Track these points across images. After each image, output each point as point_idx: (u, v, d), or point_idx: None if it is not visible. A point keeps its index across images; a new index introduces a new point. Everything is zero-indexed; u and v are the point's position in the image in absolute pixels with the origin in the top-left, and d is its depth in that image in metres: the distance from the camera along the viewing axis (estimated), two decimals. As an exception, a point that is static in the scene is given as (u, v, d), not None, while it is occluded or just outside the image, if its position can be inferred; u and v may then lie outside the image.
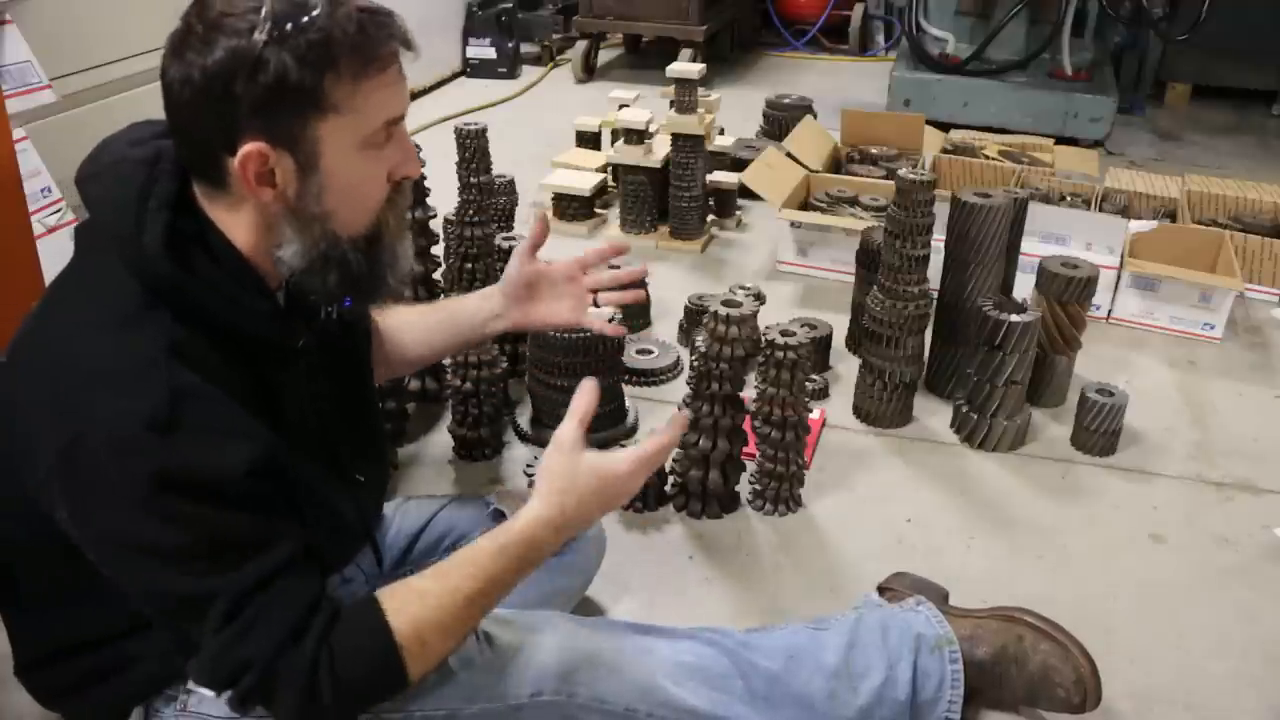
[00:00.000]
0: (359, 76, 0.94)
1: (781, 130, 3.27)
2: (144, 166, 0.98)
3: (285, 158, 0.94)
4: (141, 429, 0.88)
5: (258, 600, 0.92)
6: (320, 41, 0.91)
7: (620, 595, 1.59)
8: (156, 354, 0.91)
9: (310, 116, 0.93)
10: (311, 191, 0.96)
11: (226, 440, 0.92)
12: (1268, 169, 3.60)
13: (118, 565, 0.94)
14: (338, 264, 1.00)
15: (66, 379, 0.93)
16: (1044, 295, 2.06)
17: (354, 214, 1.00)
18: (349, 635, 0.95)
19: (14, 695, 1.27)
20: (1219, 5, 3.59)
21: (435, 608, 0.99)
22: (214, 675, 0.93)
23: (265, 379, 1.02)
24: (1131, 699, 1.44)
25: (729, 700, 1.17)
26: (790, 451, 1.76)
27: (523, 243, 1.40)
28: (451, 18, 4.41)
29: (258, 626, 0.91)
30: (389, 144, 1.00)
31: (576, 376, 1.90)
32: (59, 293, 1.02)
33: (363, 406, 1.22)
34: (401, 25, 0.99)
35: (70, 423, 0.91)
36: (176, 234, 0.95)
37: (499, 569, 1.03)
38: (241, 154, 0.92)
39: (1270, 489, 1.93)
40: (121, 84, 2.45)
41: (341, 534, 1.15)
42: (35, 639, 1.12)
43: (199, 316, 0.96)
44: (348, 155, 0.96)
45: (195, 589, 0.91)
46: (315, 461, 1.08)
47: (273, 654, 0.91)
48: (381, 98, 0.96)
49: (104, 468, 0.89)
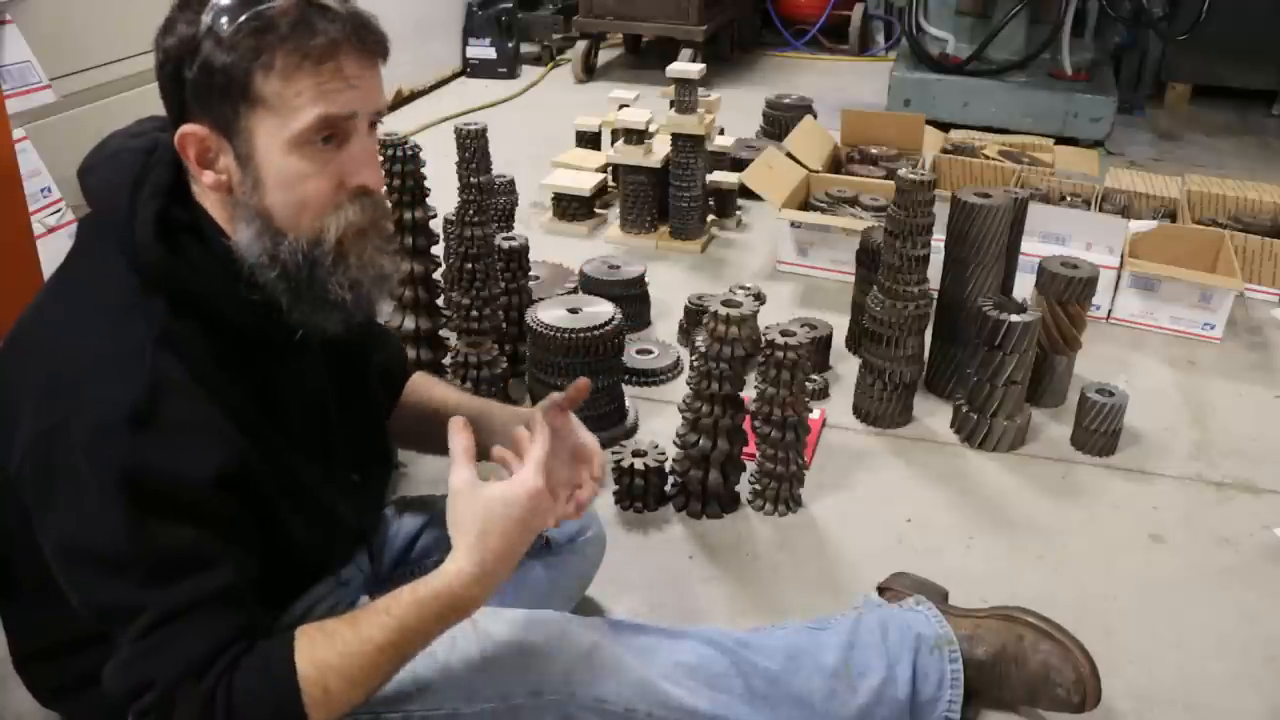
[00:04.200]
0: (290, 71, 0.91)
1: (781, 130, 3.27)
2: (140, 155, 0.99)
3: (225, 145, 0.95)
4: (119, 422, 0.89)
5: (180, 621, 0.91)
6: (255, 31, 0.90)
7: (620, 595, 1.59)
8: (143, 344, 0.92)
9: (241, 107, 0.92)
10: (249, 182, 0.95)
11: (199, 442, 0.92)
12: (1268, 169, 3.60)
13: (62, 563, 0.94)
14: (279, 262, 0.97)
15: (56, 364, 0.94)
16: (1044, 295, 2.06)
17: (295, 213, 0.96)
18: (253, 674, 0.92)
19: (14, 694, 1.27)
20: (1219, 5, 3.60)
21: (343, 654, 0.94)
22: (119, 683, 0.92)
23: (261, 373, 1.02)
24: (1131, 699, 1.44)
25: (729, 700, 1.17)
26: (790, 451, 1.76)
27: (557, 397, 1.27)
28: (451, 18, 4.41)
29: (172, 648, 0.91)
30: (341, 147, 0.96)
31: (577, 376, 1.91)
32: (58, 281, 1.02)
33: (364, 409, 1.21)
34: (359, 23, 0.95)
35: (53, 409, 0.91)
36: (169, 221, 0.96)
37: (415, 621, 0.97)
38: (179, 133, 0.94)
39: (1270, 489, 1.92)
40: (121, 84, 2.45)
41: (335, 534, 1.15)
42: (33, 632, 1.12)
43: (193, 306, 0.96)
44: (278, 151, 0.94)
45: (127, 599, 0.91)
46: (310, 460, 1.07)
47: (175, 679, 0.90)
48: (316, 95, 0.92)
49: (76, 460, 0.90)
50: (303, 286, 0.98)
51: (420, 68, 4.24)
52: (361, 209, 0.99)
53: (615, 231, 2.89)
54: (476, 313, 1.90)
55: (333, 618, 0.99)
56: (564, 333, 1.89)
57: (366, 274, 1.01)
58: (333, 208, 0.97)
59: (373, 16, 0.97)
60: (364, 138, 0.98)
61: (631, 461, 1.78)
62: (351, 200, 0.98)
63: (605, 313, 1.96)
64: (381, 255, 1.02)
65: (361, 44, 0.95)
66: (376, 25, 0.97)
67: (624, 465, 1.78)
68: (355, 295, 1.00)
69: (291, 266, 0.97)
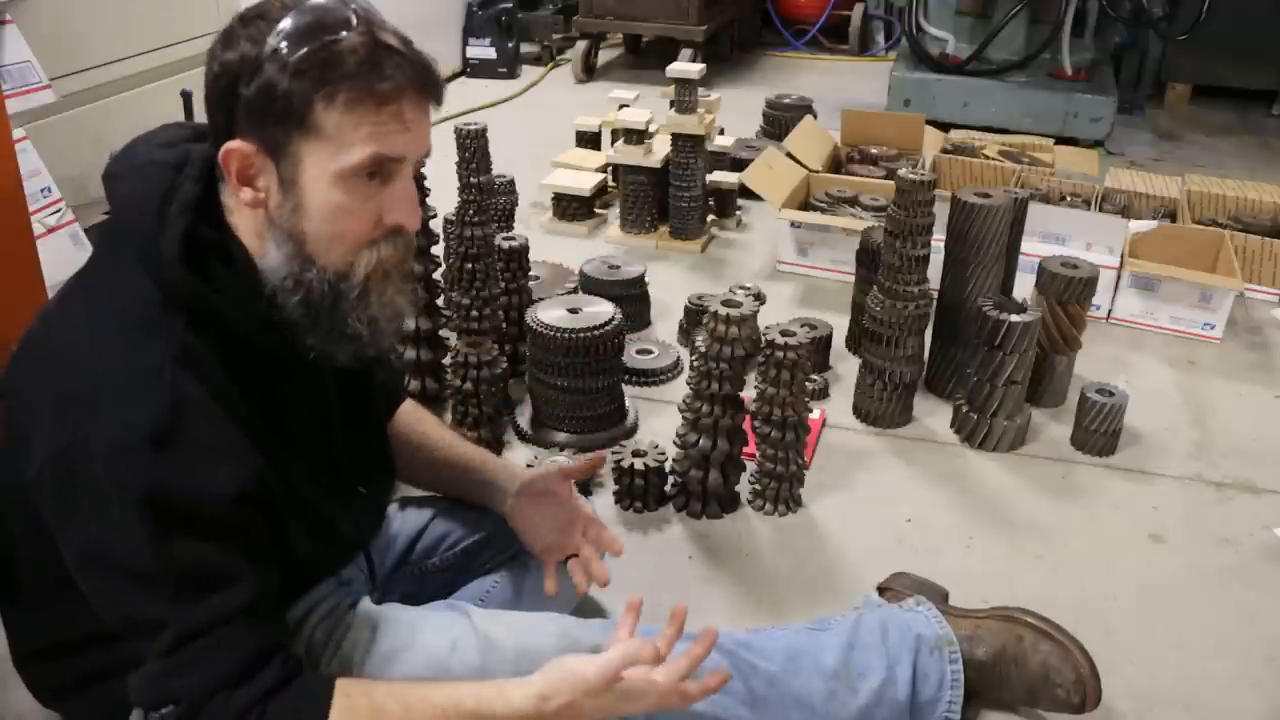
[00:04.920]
0: (352, 106, 0.92)
1: (781, 130, 3.27)
2: (169, 170, 0.98)
3: (269, 166, 0.95)
4: (140, 441, 0.89)
5: (206, 638, 0.91)
6: (322, 63, 0.91)
7: (620, 595, 1.58)
8: (163, 362, 0.92)
9: (294, 133, 0.93)
10: (288, 206, 0.96)
11: (220, 460, 0.92)
12: (1268, 169, 3.60)
13: (84, 571, 0.95)
14: (304, 288, 0.98)
15: (73, 379, 0.93)
16: (1044, 295, 2.06)
17: (329, 243, 0.97)
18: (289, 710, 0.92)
19: (15, 694, 1.27)
20: (1219, 5, 3.60)
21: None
22: (145, 695, 0.94)
23: (274, 389, 1.02)
24: (1131, 699, 1.44)
25: (728, 701, 1.17)
26: (790, 451, 1.76)
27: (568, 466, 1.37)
28: (451, 18, 4.41)
29: (199, 664, 0.91)
30: (385, 185, 0.97)
31: (577, 376, 1.91)
32: (77, 289, 1.02)
33: (368, 423, 1.22)
34: (425, 70, 0.96)
35: (72, 424, 0.91)
36: (195, 240, 0.95)
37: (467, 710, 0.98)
38: (225, 148, 0.94)
39: (1270, 489, 1.92)
40: (121, 84, 2.45)
41: (336, 544, 1.16)
42: (33, 633, 1.12)
43: (213, 324, 0.96)
44: (325, 181, 0.94)
45: (151, 612, 0.92)
46: (316, 473, 1.08)
47: (203, 696, 0.91)
48: (373, 133, 0.93)
49: (97, 476, 0.90)
50: (323, 315, 0.99)
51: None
52: (394, 248, 1.00)
53: (615, 231, 2.89)
54: (476, 313, 1.90)
55: (382, 684, 1.01)
56: (564, 333, 1.89)
57: (385, 313, 1.02)
58: (367, 244, 0.98)
59: (434, 62, 0.98)
60: (407, 179, 0.99)
61: (631, 461, 1.78)
62: (385, 239, 0.99)
63: (605, 313, 1.96)
64: (400, 295, 1.03)
65: (423, 91, 0.96)
66: (438, 73, 0.99)
67: (624, 465, 1.78)
68: (371, 332, 1.02)
69: (315, 294, 0.98)
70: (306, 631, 1.11)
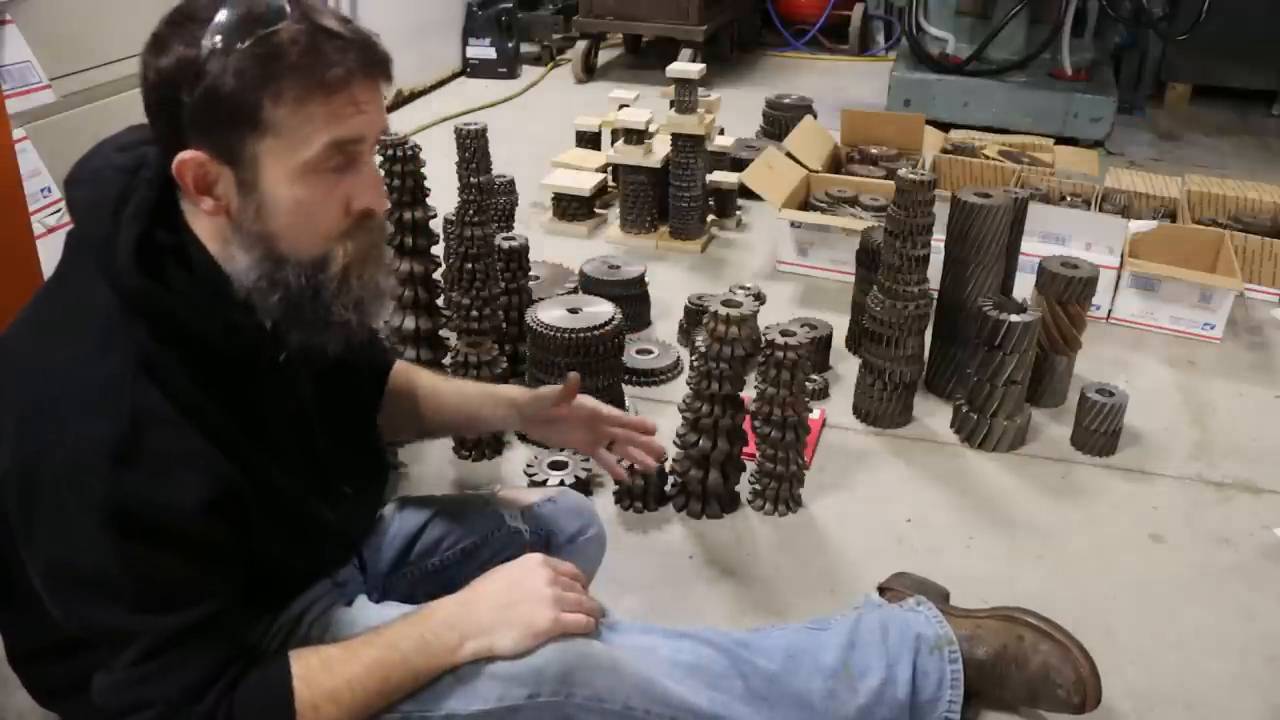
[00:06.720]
0: (302, 100, 0.90)
1: (781, 130, 3.27)
2: (123, 174, 0.96)
3: (226, 171, 0.92)
4: (102, 455, 0.88)
5: (175, 648, 0.92)
6: (264, 58, 0.88)
7: (620, 595, 1.59)
8: (125, 371, 0.91)
9: (247, 134, 0.90)
10: (251, 209, 0.93)
11: (183, 472, 0.91)
12: (1268, 169, 3.60)
13: (48, 583, 0.94)
14: (282, 286, 0.96)
15: (37, 389, 0.92)
16: (1044, 295, 2.06)
17: (300, 239, 0.95)
18: (252, 694, 0.95)
19: (15, 694, 1.27)
20: (1219, 5, 3.60)
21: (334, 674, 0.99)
22: (113, 702, 0.94)
23: (244, 392, 1.01)
24: (1131, 699, 1.44)
25: (728, 700, 1.17)
26: (790, 451, 1.76)
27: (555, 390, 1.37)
28: (451, 18, 4.41)
29: (168, 673, 0.92)
30: (347, 170, 0.95)
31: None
32: (42, 299, 1.01)
33: (355, 421, 1.21)
34: (369, 49, 0.94)
35: (34, 436, 0.91)
36: (151, 245, 0.93)
37: (397, 638, 1.03)
38: (177, 160, 0.91)
39: (1270, 489, 1.92)
40: (121, 84, 2.45)
41: (323, 545, 1.16)
42: (27, 634, 1.12)
43: (175, 330, 0.94)
44: (287, 178, 0.92)
45: (118, 623, 0.92)
46: (295, 475, 1.07)
47: (176, 700, 0.92)
48: (327, 122, 0.91)
49: (59, 489, 0.89)
50: (305, 309, 0.98)
51: (420, 68, 4.24)
52: (366, 233, 0.99)
53: (615, 231, 2.89)
54: (476, 313, 1.90)
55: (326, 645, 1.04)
56: (564, 333, 1.89)
57: (369, 293, 1.01)
58: (339, 233, 0.97)
59: (376, 37, 0.96)
60: (369, 162, 0.98)
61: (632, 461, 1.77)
62: (357, 224, 0.98)
63: (605, 313, 1.96)
64: (380, 273, 1.02)
65: (371, 70, 0.94)
66: (382, 48, 0.96)
67: (624, 465, 1.77)
68: (358, 314, 1.01)
69: (294, 290, 0.96)
70: (302, 631, 1.11)
